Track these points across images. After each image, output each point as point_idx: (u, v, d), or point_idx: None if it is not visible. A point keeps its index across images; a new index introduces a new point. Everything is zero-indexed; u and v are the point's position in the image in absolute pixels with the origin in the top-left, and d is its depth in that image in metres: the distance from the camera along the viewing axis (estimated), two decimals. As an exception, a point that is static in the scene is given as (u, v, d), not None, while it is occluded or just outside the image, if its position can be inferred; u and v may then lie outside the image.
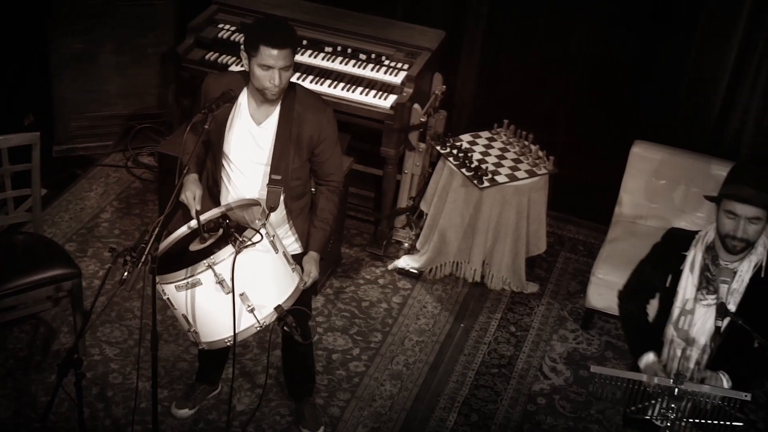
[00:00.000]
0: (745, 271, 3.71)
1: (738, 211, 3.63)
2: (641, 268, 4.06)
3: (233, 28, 5.91)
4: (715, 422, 3.51)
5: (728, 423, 3.51)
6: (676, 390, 3.51)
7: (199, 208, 3.94)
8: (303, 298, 4.03)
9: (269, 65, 3.84)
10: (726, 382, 3.65)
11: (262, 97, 3.96)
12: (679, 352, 3.84)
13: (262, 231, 3.75)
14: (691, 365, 3.81)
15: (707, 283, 3.76)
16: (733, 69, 5.75)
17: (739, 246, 3.66)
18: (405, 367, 5.24)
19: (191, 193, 3.99)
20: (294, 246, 4.25)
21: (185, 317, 3.83)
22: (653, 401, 3.61)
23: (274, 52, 3.82)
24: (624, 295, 4.11)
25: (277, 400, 4.93)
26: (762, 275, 3.70)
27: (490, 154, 5.73)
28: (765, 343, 3.52)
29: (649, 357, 3.89)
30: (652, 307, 4.02)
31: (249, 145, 4.06)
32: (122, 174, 6.46)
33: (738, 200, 3.63)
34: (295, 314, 3.85)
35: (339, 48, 5.79)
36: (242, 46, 3.95)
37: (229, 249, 3.67)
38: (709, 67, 5.80)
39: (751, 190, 3.62)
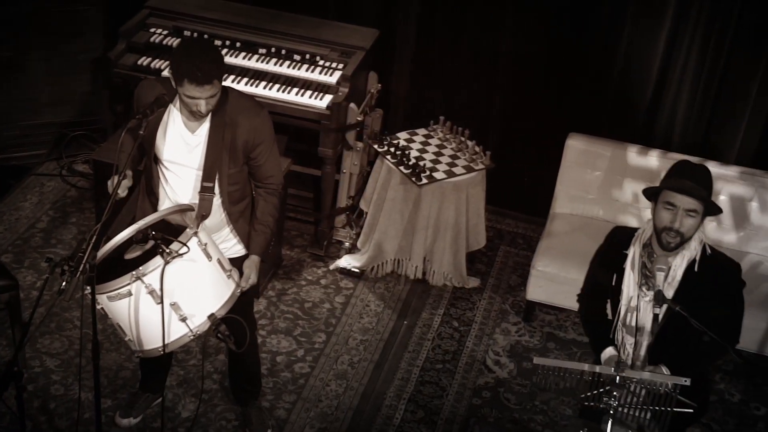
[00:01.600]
0: (678, 265, 3.77)
1: (677, 202, 3.69)
2: (591, 269, 4.13)
3: (165, 32, 5.85)
4: (662, 409, 3.57)
5: (678, 409, 3.56)
6: (618, 378, 3.57)
7: (122, 194, 3.85)
8: (242, 304, 4.01)
9: (194, 97, 3.80)
10: (666, 373, 3.72)
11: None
12: (629, 348, 3.90)
13: (193, 240, 3.72)
14: (640, 358, 3.88)
15: (646, 279, 3.83)
16: (662, 60, 5.84)
17: (674, 241, 3.72)
18: (350, 366, 5.25)
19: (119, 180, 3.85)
20: (237, 248, 4.23)
21: (120, 326, 3.82)
22: (601, 390, 3.65)
23: (199, 89, 3.77)
24: (582, 295, 4.18)
25: (223, 404, 4.90)
26: (695, 269, 3.77)
27: (427, 151, 5.75)
28: (702, 329, 3.58)
29: (609, 351, 3.96)
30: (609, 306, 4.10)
31: (182, 151, 4.03)
32: (57, 183, 6.37)
33: (677, 191, 3.69)
34: (229, 322, 3.82)
35: (273, 49, 5.77)
36: (168, 70, 3.90)
37: (158, 260, 3.65)
38: (639, 59, 5.88)
39: (690, 183, 3.69)
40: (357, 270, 5.85)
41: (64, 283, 3.53)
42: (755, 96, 5.77)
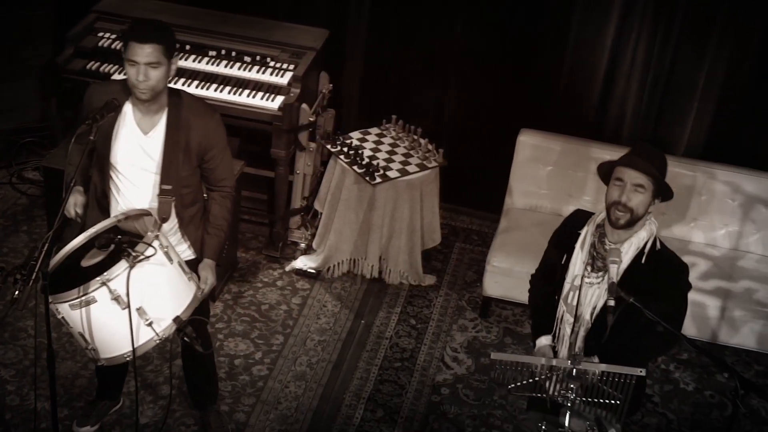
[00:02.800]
0: (625, 251, 3.80)
1: (624, 177, 3.73)
2: (546, 252, 4.13)
3: (113, 36, 5.81)
4: (606, 389, 3.61)
5: (614, 395, 3.61)
6: (574, 370, 3.60)
7: (81, 212, 3.87)
8: (201, 305, 4.00)
9: (135, 60, 3.81)
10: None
11: (137, 99, 3.91)
12: (568, 330, 3.92)
13: (156, 243, 3.71)
14: (579, 343, 3.90)
15: (593, 260, 3.85)
16: (610, 55, 5.91)
17: (622, 216, 3.73)
18: (308, 367, 5.24)
19: (72, 199, 3.93)
20: (187, 253, 4.22)
21: (82, 335, 3.77)
22: (553, 382, 3.68)
23: (139, 46, 3.79)
24: (535, 275, 4.18)
25: (182, 410, 4.87)
26: (642, 261, 3.80)
27: (380, 150, 5.77)
28: (655, 320, 3.61)
29: (543, 340, 3.98)
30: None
31: (137, 154, 4.01)
32: (7, 191, 6.29)
33: (626, 166, 3.74)
34: (194, 324, 3.81)
35: (223, 51, 5.75)
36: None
37: (122, 264, 3.62)
38: (588, 54, 5.94)
39: (639, 159, 3.74)
40: (313, 271, 5.84)
41: (17, 293, 3.49)
42: (702, 88, 5.86)
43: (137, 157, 4.01)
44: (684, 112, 5.95)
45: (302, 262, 5.87)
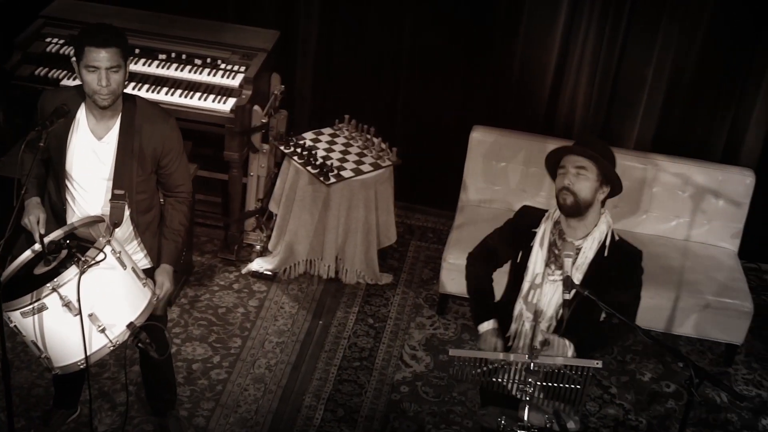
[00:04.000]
0: (588, 248, 3.85)
1: (566, 163, 3.83)
2: (491, 237, 4.15)
3: (62, 41, 5.75)
4: (563, 386, 3.64)
5: (571, 386, 3.64)
6: (532, 364, 3.63)
7: (42, 231, 3.84)
8: (158, 313, 3.98)
9: (95, 66, 3.78)
10: (570, 350, 3.78)
11: (95, 104, 3.88)
12: (528, 326, 3.96)
13: (107, 248, 3.68)
14: (540, 337, 3.93)
15: (555, 258, 3.89)
16: (559, 52, 5.96)
17: (568, 198, 3.80)
18: (267, 369, 5.23)
19: (34, 217, 3.90)
20: (144, 262, 4.19)
21: (35, 343, 3.73)
22: (510, 376, 3.71)
23: (99, 52, 3.77)
24: (472, 259, 4.19)
25: (140, 416, 4.84)
26: (605, 254, 3.86)
27: (334, 150, 5.77)
28: (611, 312, 3.66)
29: (489, 323, 3.99)
30: (503, 283, 4.13)
31: (91, 160, 3.98)
32: (-45, 199, 6.20)
33: (568, 152, 3.84)
34: (149, 330, 3.79)
35: (173, 54, 5.71)
36: (73, 58, 3.87)
37: (73, 270, 3.59)
38: (538, 51, 5.98)
39: (578, 145, 3.86)
40: (269, 272, 5.83)
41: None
42: (651, 82, 5.93)
43: (91, 164, 3.98)
44: (633, 106, 6.02)
45: (258, 264, 5.86)
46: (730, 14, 5.71)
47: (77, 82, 4.04)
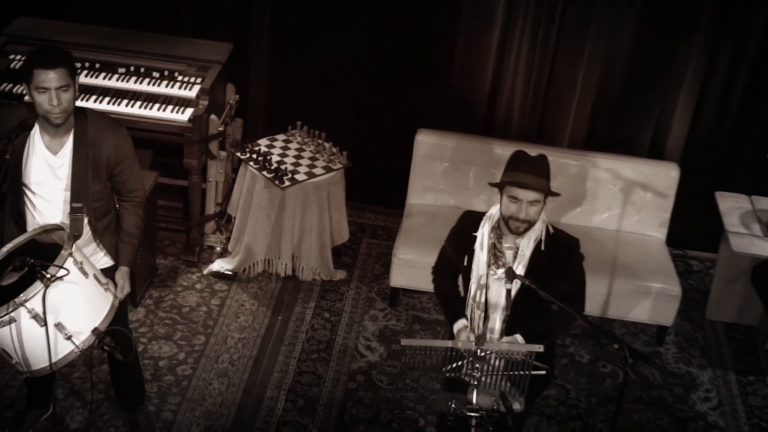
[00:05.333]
0: (526, 245, 3.87)
1: (520, 196, 3.79)
2: (445, 249, 4.18)
3: (24, 58, 5.64)
4: (519, 372, 3.66)
5: (532, 372, 3.66)
6: (479, 351, 3.65)
7: None
8: (120, 314, 3.93)
9: (45, 87, 3.72)
10: (520, 340, 3.81)
11: (48, 124, 3.82)
12: (479, 322, 3.98)
13: (69, 262, 3.62)
14: (496, 331, 3.95)
15: (495, 259, 3.91)
16: (496, 58, 5.98)
17: (522, 227, 3.82)
18: (230, 364, 5.19)
19: None
20: (105, 260, 4.15)
21: (5, 351, 3.67)
22: (462, 363, 3.72)
23: (48, 73, 3.71)
24: (435, 272, 4.22)
25: (110, 413, 4.78)
26: (542, 248, 3.88)
27: (287, 155, 5.74)
28: (550, 299, 3.69)
29: (461, 323, 4.02)
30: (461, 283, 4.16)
31: (47, 175, 3.93)
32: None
33: (520, 187, 3.79)
34: (112, 333, 3.74)
35: (132, 68, 5.65)
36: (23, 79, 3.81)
37: (38, 284, 3.54)
38: (476, 58, 6.00)
39: (530, 177, 3.78)
40: (230, 272, 5.79)
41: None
42: (581, 84, 5.97)
43: (47, 177, 3.93)
44: (566, 107, 6.06)
45: (219, 265, 5.81)
46: (653, 21, 5.77)
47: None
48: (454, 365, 3.71)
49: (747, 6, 5.63)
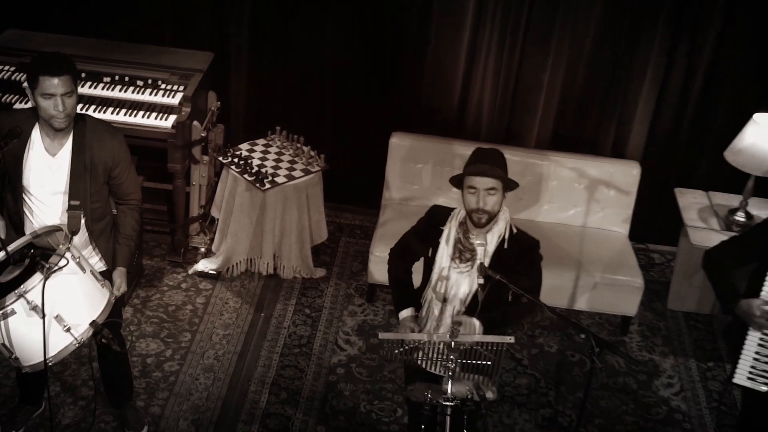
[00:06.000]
0: (489, 241, 3.89)
1: (476, 184, 3.80)
2: (408, 235, 4.18)
3: (13, 68, 5.62)
4: (476, 361, 3.69)
5: (483, 362, 3.69)
6: (453, 343, 3.67)
7: (3, 236, 3.77)
8: (114, 309, 3.94)
9: (51, 93, 3.74)
10: (478, 327, 3.82)
11: (51, 127, 3.83)
12: (436, 312, 3.99)
13: (68, 255, 3.63)
14: (447, 320, 3.97)
15: (459, 253, 3.93)
16: (465, 63, 6.00)
17: (483, 218, 3.83)
18: (215, 359, 5.20)
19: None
20: (99, 265, 4.15)
21: (4, 345, 3.66)
22: (432, 354, 3.75)
23: (54, 80, 3.73)
24: (392, 254, 4.21)
25: (101, 408, 4.77)
26: (505, 246, 3.90)
27: (268, 159, 5.75)
28: (519, 293, 3.71)
29: (408, 312, 4.03)
30: (418, 273, 4.16)
31: (46, 176, 3.94)
32: None
33: (475, 174, 3.81)
34: (109, 326, 3.76)
35: (117, 77, 5.64)
36: (25, 84, 3.81)
37: (37, 276, 3.54)
38: (447, 62, 6.02)
39: (485, 166, 3.80)
40: (214, 272, 5.79)
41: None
42: (547, 87, 6.01)
43: (46, 179, 3.94)
44: (532, 109, 6.10)
45: (203, 265, 5.81)
46: (613, 27, 5.82)
47: (28, 105, 3.98)
48: (407, 348, 3.71)
49: (700, 12, 5.69)
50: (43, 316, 3.55)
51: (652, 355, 5.54)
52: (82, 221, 3.98)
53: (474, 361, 3.67)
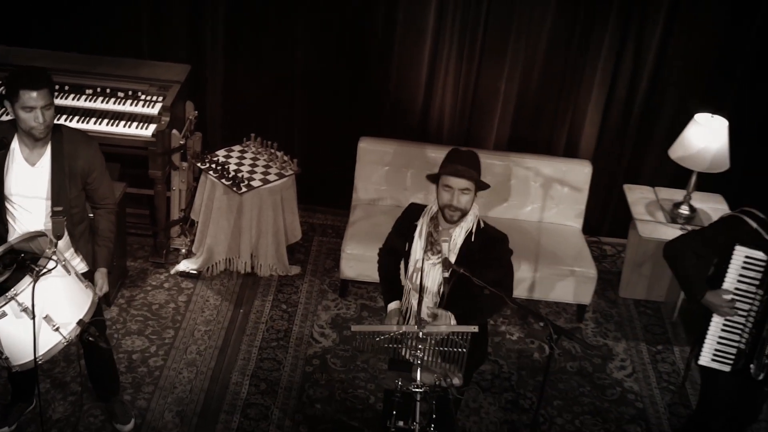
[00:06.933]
0: (457, 235, 3.91)
1: (452, 184, 3.82)
2: (390, 234, 4.20)
3: (8, 79, 5.53)
4: (451, 349, 3.71)
5: (458, 349, 3.72)
6: (421, 333, 3.68)
7: None
8: (97, 308, 3.92)
9: (31, 106, 3.72)
10: (453, 320, 3.85)
11: (31, 137, 3.80)
12: (414, 302, 4.00)
13: (54, 258, 3.61)
14: (425, 310, 3.99)
15: (431, 246, 3.95)
16: (427, 71, 6.01)
17: (455, 215, 3.85)
18: (198, 354, 5.18)
19: None
20: (81, 266, 4.13)
21: None
22: (405, 344, 3.76)
23: (33, 93, 3.70)
24: (380, 252, 4.24)
25: (89, 403, 4.74)
26: (472, 239, 3.92)
27: (243, 164, 5.73)
28: (483, 285, 3.73)
29: (392, 305, 4.06)
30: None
31: (28, 185, 3.90)
32: None
33: (451, 175, 3.83)
34: (95, 324, 3.74)
35: (99, 89, 5.59)
36: (4, 97, 3.77)
37: (27, 279, 3.51)
38: (410, 71, 6.03)
39: (461, 167, 3.83)
40: (195, 271, 5.77)
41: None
42: (503, 93, 6.05)
43: (28, 188, 3.91)
44: (490, 113, 6.12)
45: (185, 265, 5.79)
46: (563, 36, 5.87)
47: (7, 117, 3.95)
48: (397, 347, 3.74)
49: (646, 20, 5.76)
50: (33, 317, 3.53)
51: (605, 340, 5.60)
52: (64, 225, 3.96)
53: (450, 349, 3.70)
